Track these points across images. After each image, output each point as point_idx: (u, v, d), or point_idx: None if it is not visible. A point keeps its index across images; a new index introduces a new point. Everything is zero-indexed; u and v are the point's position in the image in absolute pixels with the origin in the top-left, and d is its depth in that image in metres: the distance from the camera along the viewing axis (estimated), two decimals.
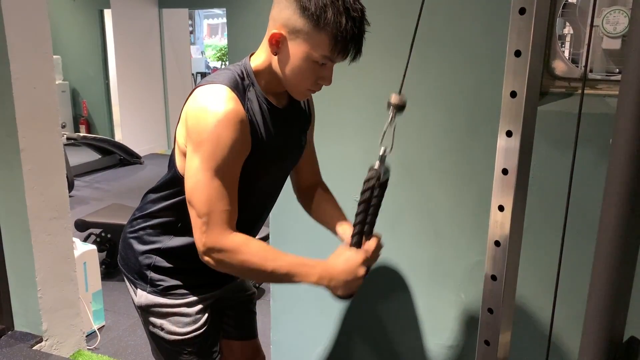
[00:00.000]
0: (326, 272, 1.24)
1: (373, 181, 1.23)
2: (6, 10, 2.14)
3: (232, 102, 1.19)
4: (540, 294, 1.64)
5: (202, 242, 1.20)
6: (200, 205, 1.19)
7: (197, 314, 1.41)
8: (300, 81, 1.23)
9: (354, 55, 1.22)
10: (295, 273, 1.23)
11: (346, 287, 1.25)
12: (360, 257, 1.25)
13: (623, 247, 0.62)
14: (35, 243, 2.37)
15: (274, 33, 1.19)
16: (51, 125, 2.38)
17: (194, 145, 1.19)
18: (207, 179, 1.18)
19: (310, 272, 1.23)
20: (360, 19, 1.17)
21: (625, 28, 1.41)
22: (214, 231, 1.19)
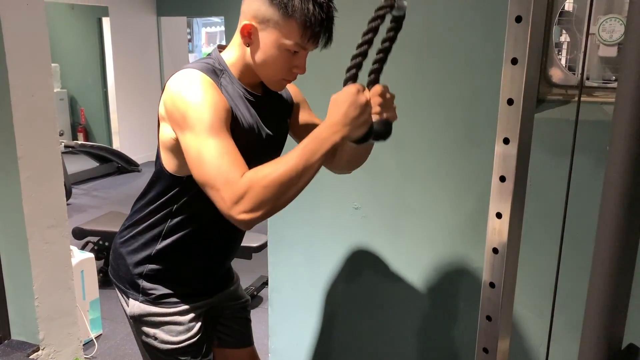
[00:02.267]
0: (334, 126, 1.10)
1: (385, 10, 1.07)
2: (5, 19, 2.14)
3: (204, 76, 1.20)
4: (539, 301, 1.64)
5: (226, 206, 1.09)
6: (210, 175, 1.11)
7: (190, 322, 1.40)
8: (275, 71, 1.24)
9: (325, 41, 1.23)
10: (314, 150, 1.10)
11: (360, 122, 1.10)
12: (353, 87, 1.10)
13: (621, 253, 0.62)
14: (33, 251, 2.37)
15: (245, 24, 1.21)
16: (49, 133, 2.38)
17: (180, 122, 1.16)
18: (203, 142, 1.12)
19: (324, 137, 1.10)
20: (327, 4, 1.19)
21: (621, 36, 1.42)
22: (228, 186, 1.09)
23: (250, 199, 1.08)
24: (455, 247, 1.75)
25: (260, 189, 1.08)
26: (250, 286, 3.48)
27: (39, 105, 2.32)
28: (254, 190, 1.08)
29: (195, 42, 14.11)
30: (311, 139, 1.11)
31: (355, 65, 1.11)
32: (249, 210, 1.09)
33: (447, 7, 1.60)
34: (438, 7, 1.60)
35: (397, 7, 1.06)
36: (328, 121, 1.11)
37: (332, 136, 1.10)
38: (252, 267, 3.56)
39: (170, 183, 1.31)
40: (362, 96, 1.10)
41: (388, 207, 1.83)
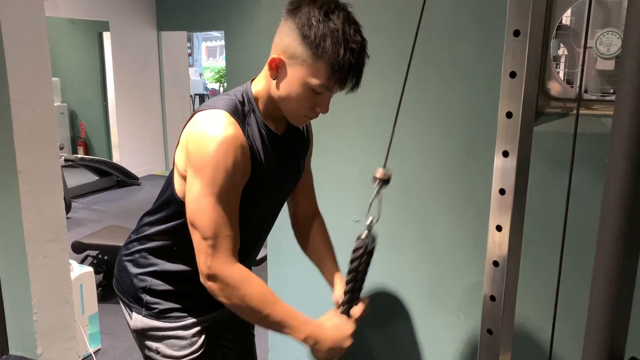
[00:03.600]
0: (314, 334, 1.26)
1: (361, 250, 1.30)
2: (6, 33, 2.16)
3: (231, 127, 1.19)
4: (540, 314, 1.63)
5: (207, 265, 1.20)
6: (205, 228, 1.19)
7: (193, 337, 1.40)
8: (297, 107, 1.23)
9: (352, 86, 1.22)
10: (288, 324, 1.25)
11: (328, 354, 1.28)
12: (350, 329, 1.30)
13: (621, 266, 0.62)
14: (32, 265, 2.36)
15: (274, 58, 1.20)
16: (49, 147, 2.39)
17: (195, 170, 1.19)
18: (211, 203, 1.18)
19: (301, 328, 1.25)
20: (359, 50, 1.17)
21: (619, 49, 1.43)
22: (220, 258, 1.20)
23: (223, 288, 1.21)
24: (455, 261, 1.74)
25: (237, 294, 1.21)
26: None
27: (39, 119, 2.32)
28: (234, 289, 1.21)
29: (196, 57, 14.19)
30: (294, 318, 1.26)
31: (349, 300, 1.33)
32: (215, 289, 1.22)
33: (446, 21, 1.62)
34: (437, 21, 1.61)
35: (369, 245, 1.30)
36: (314, 328, 1.26)
37: (305, 338, 1.25)
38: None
39: (180, 208, 1.30)
40: (348, 341, 1.29)
41: (388, 220, 1.82)
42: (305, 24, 1.14)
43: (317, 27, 1.13)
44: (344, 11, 1.17)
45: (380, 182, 1.22)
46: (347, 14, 1.17)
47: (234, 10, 7.24)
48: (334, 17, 1.14)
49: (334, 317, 1.32)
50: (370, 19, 1.70)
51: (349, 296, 1.33)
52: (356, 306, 1.36)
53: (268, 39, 1.71)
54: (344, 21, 1.15)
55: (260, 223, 1.43)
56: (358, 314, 1.35)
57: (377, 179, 1.22)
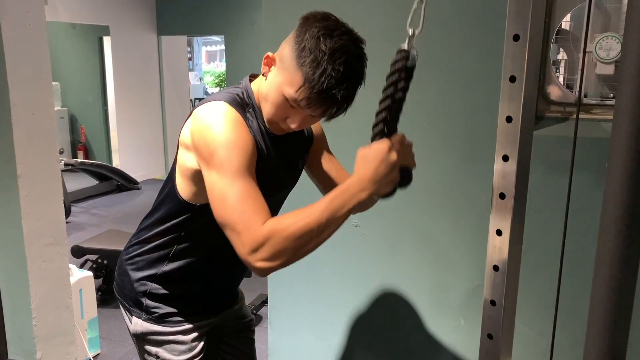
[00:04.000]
0: (363, 183, 1.08)
1: (401, 63, 1.07)
2: (7, 38, 2.16)
3: (233, 111, 1.19)
4: (540, 318, 1.63)
5: (245, 252, 1.08)
6: (232, 218, 1.10)
7: (193, 342, 1.39)
8: (272, 112, 1.21)
9: (322, 113, 1.16)
10: (339, 207, 1.08)
11: (389, 180, 1.09)
12: (384, 144, 1.09)
13: (622, 270, 0.62)
14: (31, 269, 2.36)
15: (268, 54, 1.20)
16: (49, 151, 2.39)
17: (207, 159, 1.15)
18: (228, 185, 1.12)
19: (351, 195, 1.08)
20: (338, 81, 1.10)
21: (618, 54, 1.43)
22: (249, 234, 1.08)
23: (269, 248, 1.06)
24: (455, 265, 1.74)
25: (280, 239, 1.06)
26: (249, 305, 3.46)
27: (39, 123, 2.32)
28: (274, 240, 1.06)
29: (196, 61, 14.21)
30: (338, 193, 1.09)
31: (381, 120, 1.10)
32: (266, 259, 1.07)
33: (446, 25, 1.62)
34: (437, 26, 1.62)
35: (410, 58, 1.07)
36: (356, 177, 1.09)
37: (360, 193, 1.08)
38: (251, 286, 3.54)
39: (181, 208, 1.30)
40: (393, 154, 1.08)
41: (387, 225, 1.83)
42: (302, 35, 1.13)
43: (308, 41, 1.11)
44: (346, 40, 1.12)
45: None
46: (347, 43, 1.12)
47: (234, 15, 7.26)
48: (330, 40, 1.10)
49: (363, 152, 1.11)
50: (370, 23, 1.70)
51: (382, 115, 1.10)
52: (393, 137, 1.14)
53: (268, 43, 1.72)
54: (338, 48, 1.10)
55: None
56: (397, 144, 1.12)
57: None
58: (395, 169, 1.09)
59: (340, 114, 1.19)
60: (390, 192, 1.12)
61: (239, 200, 1.10)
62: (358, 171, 1.10)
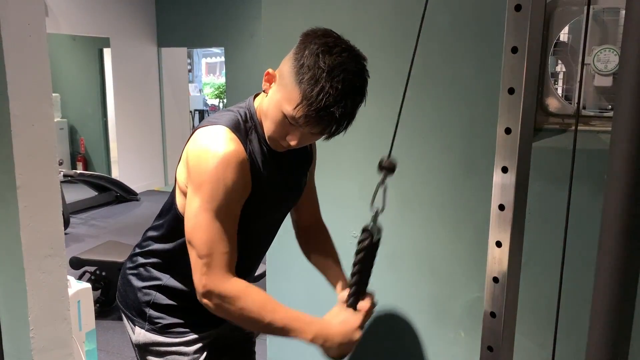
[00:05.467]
0: (322, 332, 1.23)
1: (367, 242, 1.26)
2: (7, 49, 2.17)
3: (232, 143, 1.18)
4: (541, 330, 1.62)
5: (202, 284, 1.19)
6: (201, 246, 1.18)
7: (195, 354, 1.39)
8: (272, 129, 1.21)
9: (321, 131, 1.17)
10: (292, 328, 1.22)
11: (340, 350, 1.25)
12: (357, 321, 1.27)
13: (622, 282, 0.62)
14: (29, 281, 2.34)
15: (268, 71, 1.21)
16: (49, 163, 2.39)
17: (195, 186, 1.18)
18: (208, 220, 1.17)
19: (306, 329, 1.22)
20: (336, 98, 1.09)
21: (616, 66, 1.44)
22: (215, 274, 1.18)
23: (220, 303, 1.19)
24: (455, 277, 1.73)
25: (233, 307, 1.19)
26: None
27: (39, 135, 2.33)
28: (230, 302, 1.19)
29: (196, 73, 14.27)
30: (303, 321, 1.23)
31: (355, 292, 1.30)
32: (213, 305, 1.20)
33: (444, 37, 1.63)
34: (436, 38, 1.63)
35: (374, 236, 1.26)
36: (320, 326, 1.24)
37: (314, 338, 1.22)
38: None
39: (182, 224, 1.30)
40: (358, 333, 1.26)
41: (387, 236, 1.82)
42: (301, 52, 1.13)
43: (308, 57, 1.11)
44: (345, 57, 1.12)
45: (385, 171, 1.18)
46: (347, 60, 1.12)
47: (234, 26, 7.30)
48: (329, 57, 1.10)
49: (339, 312, 1.30)
50: (369, 35, 1.71)
51: (355, 289, 1.30)
52: (363, 300, 1.33)
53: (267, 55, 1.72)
54: (337, 65, 1.10)
55: (259, 239, 1.43)
56: (366, 308, 1.32)
57: (382, 167, 1.18)
58: (351, 345, 1.26)
59: (340, 132, 1.19)
60: (334, 358, 1.28)
61: (213, 240, 1.18)
62: (327, 323, 1.26)
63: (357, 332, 1.26)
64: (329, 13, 1.78)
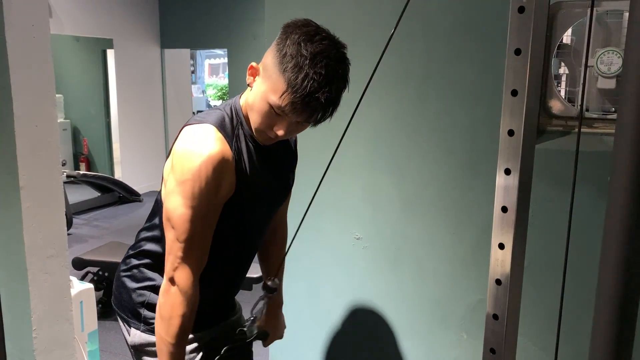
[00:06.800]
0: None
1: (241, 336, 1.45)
2: (11, 51, 2.18)
3: (218, 143, 1.19)
4: (543, 333, 1.61)
5: (173, 267, 1.22)
6: (181, 230, 1.20)
7: (191, 353, 1.39)
8: (259, 121, 1.22)
9: (307, 118, 1.18)
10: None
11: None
12: None
13: (625, 284, 0.61)
14: (32, 281, 2.35)
15: (252, 64, 1.22)
16: (52, 163, 2.39)
17: (176, 182, 1.19)
18: (185, 217, 1.20)
19: None
20: (320, 84, 1.12)
21: (619, 68, 1.44)
22: (187, 270, 1.21)
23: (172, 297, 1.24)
24: (457, 279, 1.73)
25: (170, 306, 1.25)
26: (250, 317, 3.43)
27: (42, 135, 2.33)
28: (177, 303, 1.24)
29: (199, 74, 14.29)
30: None
31: None
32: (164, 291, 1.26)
33: (448, 40, 1.63)
34: (438, 39, 1.63)
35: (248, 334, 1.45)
36: None
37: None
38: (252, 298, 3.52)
39: None
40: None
41: (389, 238, 1.82)
42: (283, 42, 1.15)
43: (290, 47, 1.13)
44: (326, 45, 1.14)
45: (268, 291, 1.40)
46: (328, 47, 1.14)
47: (237, 28, 7.31)
48: (310, 44, 1.12)
49: None
50: (371, 36, 1.72)
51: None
52: None
53: None
54: (319, 52, 1.12)
55: (249, 238, 1.42)
56: None
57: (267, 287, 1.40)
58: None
59: (326, 118, 1.20)
60: None
61: (187, 238, 1.21)
62: None
63: None
64: (331, 14, 1.78)
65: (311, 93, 1.12)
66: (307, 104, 1.14)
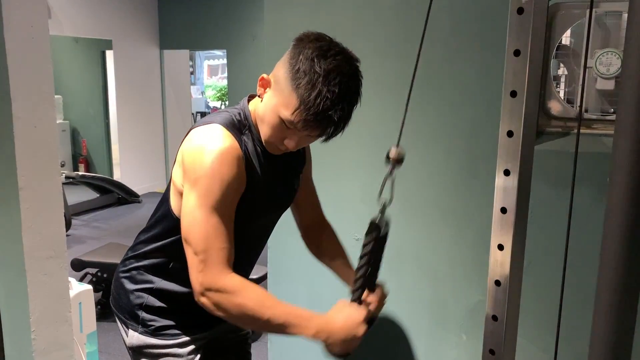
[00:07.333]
0: (324, 327, 1.18)
1: (374, 234, 1.22)
2: (10, 51, 2.18)
3: (228, 139, 1.19)
4: (543, 334, 1.61)
5: (199, 281, 1.16)
6: (197, 243, 1.16)
7: (189, 355, 1.39)
8: (269, 134, 1.22)
9: (321, 134, 1.18)
10: (292, 324, 1.17)
11: (343, 346, 1.20)
12: (361, 315, 1.21)
13: (624, 285, 0.62)
14: (31, 283, 2.34)
15: (263, 76, 1.21)
16: (51, 164, 2.39)
17: (191, 182, 1.18)
18: (204, 215, 1.16)
19: (307, 324, 1.18)
20: (334, 101, 1.11)
21: (618, 69, 1.44)
22: (212, 270, 1.15)
23: (219, 299, 1.16)
24: (457, 280, 1.73)
25: (232, 303, 1.15)
26: None
27: (41, 136, 2.33)
28: (228, 298, 1.15)
29: (198, 75, 14.28)
30: (303, 316, 1.19)
31: (360, 286, 1.24)
32: (211, 303, 1.17)
33: (447, 40, 1.63)
34: (438, 41, 1.63)
35: (382, 230, 1.23)
36: (324, 322, 1.19)
37: (315, 334, 1.18)
38: None
39: (176, 224, 1.30)
40: (362, 328, 1.20)
41: (389, 239, 1.82)
42: (296, 57, 1.14)
43: (303, 62, 1.12)
44: (340, 60, 1.13)
45: (393, 162, 1.17)
46: (342, 63, 1.13)
47: (236, 29, 7.31)
48: (324, 61, 1.11)
49: (343, 307, 1.23)
50: (371, 37, 1.72)
51: (361, 282, 1.24)
52: (372, 294, 1.30)
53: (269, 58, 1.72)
54: (333, 69, 1.11)
55: (252, 242, 1.42)
56: (373, 300, 1.29)
57: (390, 158, 1.17)
58: (355, 341, 1.21)
59: (338, 134, 1.21)
60: (338, 354, 1.23)
61: (210, 235, 1.16)
62: (329, 318, 1.20)
63: (361, 327, 1.20)
64: (331, 16, 1.78)
65: (324, 111, 1.12)
66: (319, 121, 1.14)
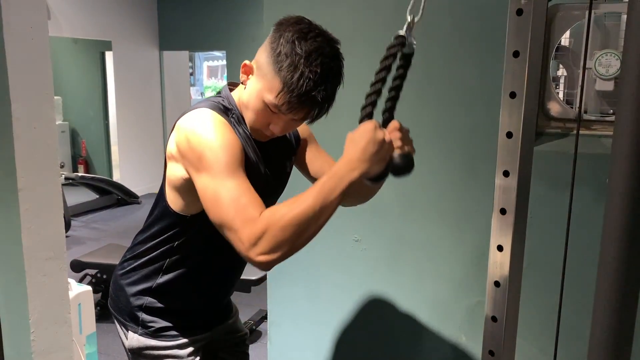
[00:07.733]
0: (352, 163, 1.05)
1: (396, 48, 1.05)
2: (9, 52, 2.18)
3: (219, 116, 1.19)
4: (542, 335, 1.61)
5: (244, 248, 1.06)
6: (228, 217, 1.08)
7: (189, 356, 1.38)
8: (254, 119, 1.22)
9: (304, 116, 1.18)
10: (331, 189, 1.05)
11: (379, 159, 1.06)
12: (370, 123, 1.07)
13: (623, 287, 0.62)
14: (30, 284, 2.34)
15: (245, 63, 1.21)
16: (50, 165, 2.39)
17: (196, 164, 1.14)
18: (220, 184, 1.10)
19: (341, 175, 1.06)
20: (316, 82, 1.11)
21: (617, 70, 1.44)
22: (246, 228, 1.06)
23: (268, 241, 1.04)
24: (456, 281, 1.73)
25: (278, 230, 1.04)
26: (249, 320, 3.44)
27: (40, 137, 2.33)
28: (272, 232, 1.04)
29: (197, 76, 14.28)
30: (328, 177, 1.07)
31: (370, 103, 1.08)
32: (267, 252, 1.05)
33: (446, 41, 1.63)
34: (437, 42, 1.63)
35: (407, 45, 1.06)
36: (345, 158, 1.07)
37: (350, 173, 1.05)
38: (251, 301, 3.52)
39: (173, 221, 1.30)
40: (380, 132, 1.06)
41: (388, 240, 1.82)
42: (276, 40, 1.15)
43: (284, 45, 1.13)
44: (320, 42, 1.13)
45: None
46: (322, 45, 1.13)
47: (236, 30, 7.32)
48: (305, 43, 1.12)
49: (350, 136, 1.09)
50: (371, 38, 1.72)
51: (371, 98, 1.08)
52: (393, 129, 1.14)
53: None
54: (314, 50, 1.11)
55: None
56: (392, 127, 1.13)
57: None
58: (383, 147, 1.06)
59: (322, 115, 1.20)
60: (382, 172, 1.09)
61: (233, 198, 1.09)
62: (347, 153, 1.07)
63: (378, 131, 1.06)
64: (330, 17, 1.78)
65: (307, 92, 1.12)
66: (303, 102, 1.14)
